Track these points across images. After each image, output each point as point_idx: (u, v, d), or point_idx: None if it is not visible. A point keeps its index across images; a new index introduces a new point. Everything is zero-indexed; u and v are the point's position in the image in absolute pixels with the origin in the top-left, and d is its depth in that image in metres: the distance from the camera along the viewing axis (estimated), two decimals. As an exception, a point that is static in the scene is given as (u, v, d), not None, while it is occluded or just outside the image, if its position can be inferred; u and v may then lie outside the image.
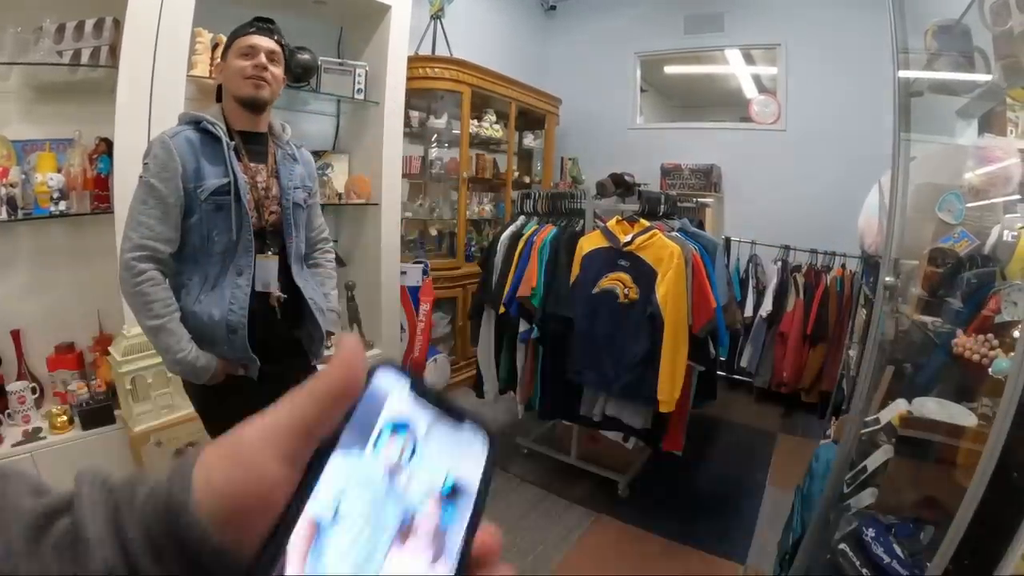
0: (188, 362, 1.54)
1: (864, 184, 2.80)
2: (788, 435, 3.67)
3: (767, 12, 4.52)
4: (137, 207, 1.51)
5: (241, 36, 1.64)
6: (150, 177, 1.50)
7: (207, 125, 1.58)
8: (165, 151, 1.51)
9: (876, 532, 1.23)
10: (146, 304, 1.50)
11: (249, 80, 1.61)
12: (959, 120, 1.87)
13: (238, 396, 1.68)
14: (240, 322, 1.60)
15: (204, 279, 1.60)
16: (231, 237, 1.59)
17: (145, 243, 1.49)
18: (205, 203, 1.55)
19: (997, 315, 1.19)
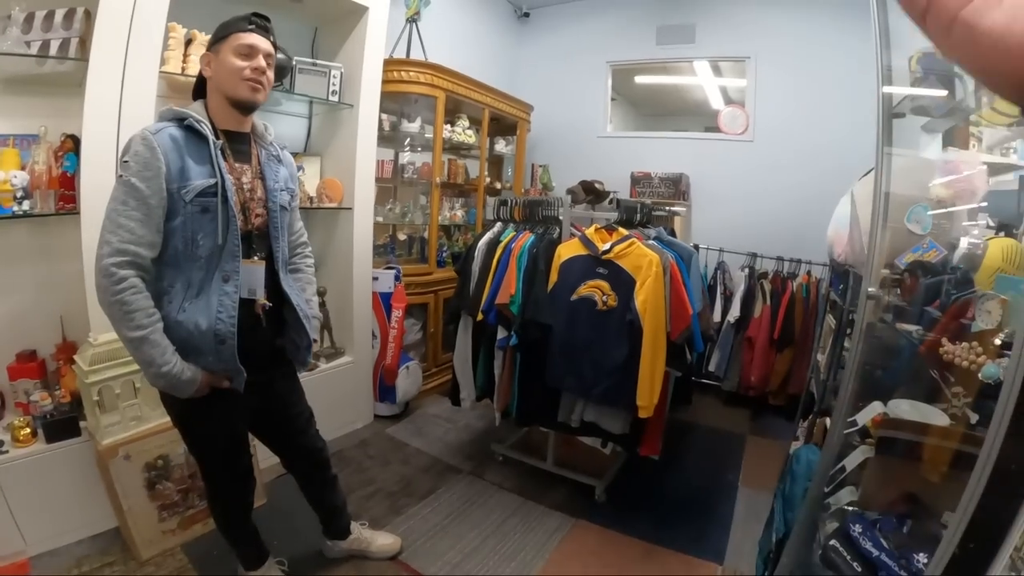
0: (173, 376, 1.47)
1: (829, 194, 2.88)
2: (757, 437, 3.76)
3: (737, 26, 4.64)
4: (117, 208, 1.41)
5: (239, 32, 1.56)
6: (131, 176, 1.41)
7: (193, 123, 1.50)
8: (148, 149, 1.42)
9: (863, 527, 1.28)
10: (127, 314, 1.41)
11: (247, 83, 1.56)
12: (924, 134, 1.94)
13: (222, 408, 1.65)
14: (229, 331, 1.54)
15: (187, 285, 1.52)
16: (217, 241, 1.51)
17: (126, 247, 1.40)
18: (190, 205, 1.47)
19: (972, 323, 1.24)
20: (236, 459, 1.80)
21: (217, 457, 1.76)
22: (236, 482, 1.84)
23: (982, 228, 1.46)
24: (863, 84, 3.66)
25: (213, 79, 1.58)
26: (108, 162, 2.07)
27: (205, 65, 1.58)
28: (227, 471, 1.79)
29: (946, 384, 1.36)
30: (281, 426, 1.94)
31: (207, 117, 1.56)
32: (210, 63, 1.57)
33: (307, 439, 2.01)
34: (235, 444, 1.78)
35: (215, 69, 1.57)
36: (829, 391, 2.40)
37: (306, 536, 2.27)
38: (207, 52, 1.58)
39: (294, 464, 2.06)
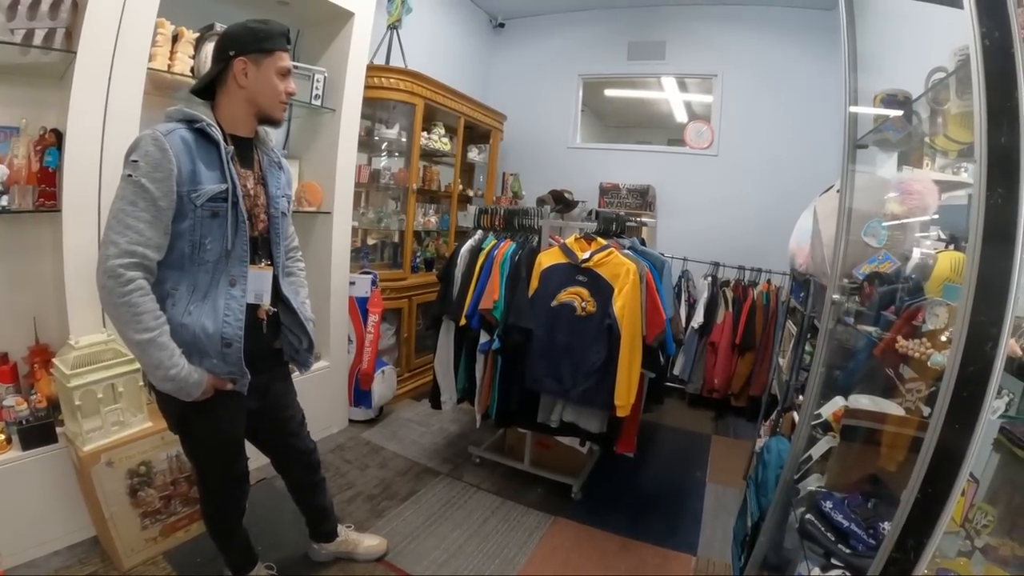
0: (181, 378, 1.46)
1: (789, 207, 3.05)
2: (721, 436, 3.94)
3: (706, 44, 4.87)
4: (125, 209, 1.38)
5: (279, 51, 1.60)
6: (141, 177, 1.38)
7: (205, 127, 1.50)
8: (159, 149, 1.40)
9: (833, 504, 1.42)
10: (135, 316, 1.39)
11: (282, 104, 1.63)
12: (880, 153, 2.09)
13: (223, 410, 1.65)
14: (236, 335, 1.55)
15: (192, 289, 1.51)
16: (225, 246, 1.52)
17: (134, 249, 1.38)
18: (200, 209, 1.47)
19: (922, 324, 1.38)
20: (234, 462, 1.80)
21: (216, 460, 1.76)
22: (233, 486, 1.84)
23: (934, 240, 1.61)
24: (823, 104, 3.88)
25: (248, 90, 1.58)
26: (92, 158, 2.03)
27: (241, 73, 1.55)
28: (225, 474, 1.79)
29: (901, 381, 1.50)
30: (276, 428, 1.95)
31: (215, 121, 1.57)
32: (247, 72, 1.56)
33: (299, 441, 2.03)
34: (234, 447, 1.79)
35: (252, 80, 1.57)
36: (792, 390, 2.55)
37: (290, 541, 2.30)
38: (242, 58, 1.55)
39: (285, 466, 2.07)
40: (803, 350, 2.58)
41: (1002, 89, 0.93)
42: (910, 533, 1.01)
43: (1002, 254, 0.92)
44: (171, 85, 2.51)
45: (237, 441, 1.80)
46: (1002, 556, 1.14)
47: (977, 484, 1.19)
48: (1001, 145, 0.93)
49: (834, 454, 1.60)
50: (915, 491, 1.00)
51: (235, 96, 1.59)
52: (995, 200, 0.93)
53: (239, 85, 1.57)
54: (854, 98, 1.64)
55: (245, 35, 1.56)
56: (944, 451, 0.97)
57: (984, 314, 0.93)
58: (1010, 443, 1.15)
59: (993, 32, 0.95)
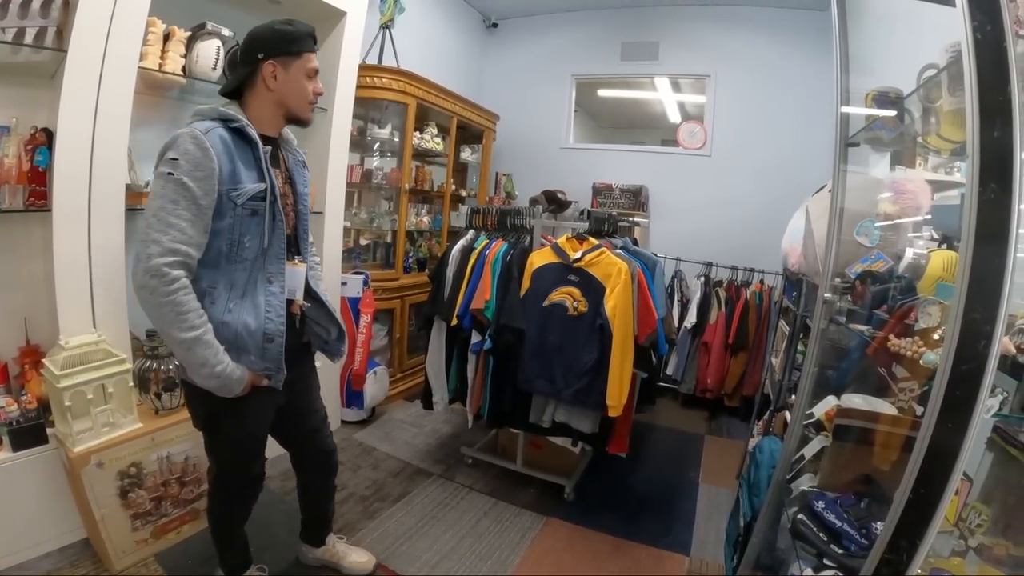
0: (226, 375, 1.47)
1: (781, 207, 3.05)
2: (714, 437, 3.94)
3: (699, 45, 4.88)
4: (166, 207, 1.38)
5: (309, 53, 1.61)
6: (182, 175, 1.38)
7: (243, 127, 1.51)
8: (199, 148, 1.40)
9: (825, 504, 1.42)
10: (180, 315, 1.39)
11: (311, 105, 1.65)
12: (873, 153, 2.09)
13: (256, 407, 1.66)
14: (279, 331, 1.58)
15: (230, 287, 1.52)
16: (262, 243, 1.54)
17: (177, 247, 1.38)
18: (241, 208, 1.48)
19: (915, 323, 1.38)
20: (254, 462, 1.80)
21: (237, 458, 1.76)
22: (247, 486, 1.84)
23: (926, 240, 1.61)
24: (816, 105, 3.89)
25: (277, 92, 1.58)
26: (83, 158, 2.02)
27: (270, 76, 1.56)
28: (243, 474, 1.79)
29: (894, 381, 1.50)
30: (300, 423, 1.95)
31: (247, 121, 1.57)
32: (276, 75, 1.56)
33: (321, 439, 2.03)
34: (257, 446, 1.79)
35: (281, 83, 1.57)
36: (785, 390, 2.55)
37: (280, 543, 2.28)
38: (271, 61, 1.55)
39: (303, 463, 2.06)
40: (796, 350, 2.58)
41: (995, 83, 0.92)
42: (903, 534, 1.00)
43: (995, 250, 0.91)
44: (162, 84, 2.49)
45: (261, 440, 1.80)
46: (996, 556, 1.14)
47: (971, 483, 1.19)
48: (994, 140, 0.92)
49: (827, 454, 1.60)
50: (907, 491, 0.99)
51: (264, 98, 1.59)
52: (988, 196, 0.92)
53: (268, 88, 1.58)
54: (846, 98, 1.65)
55: (273, 37, 1.57)
56: (937, 451, 0.96)
57: (977, 311, 0.92)
58: (1004, 442, 1.15)
59: (985, 26, 0.94)
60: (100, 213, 2.10)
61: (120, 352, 2.14)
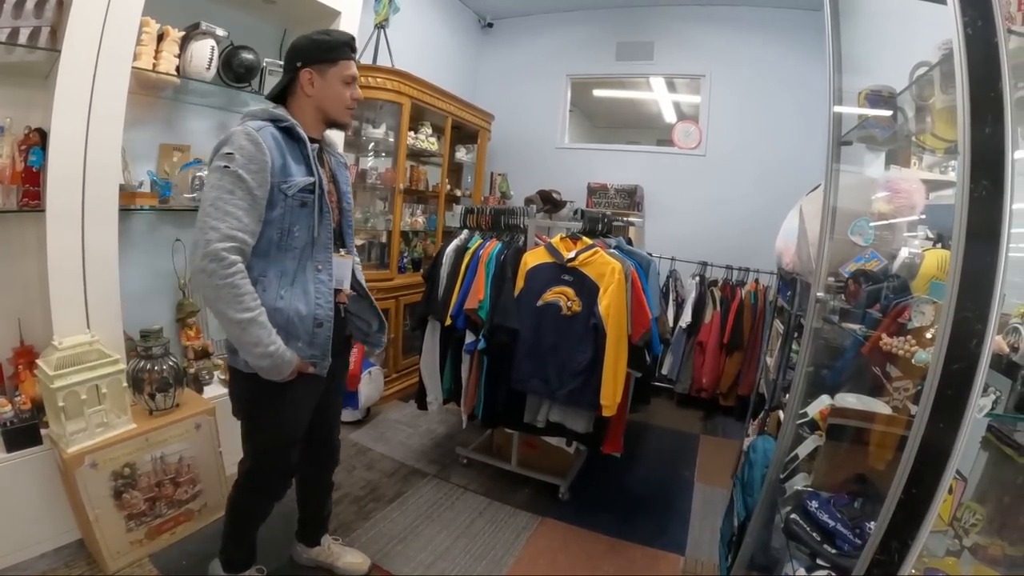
0: (279, 355, 1.55)
1: (776, 207, 3.06)
2: (710, 436, 3.95)
3: (694, 45, 4.88)
4: (223, 197, 1.47)
5: (345, 60, 1.69)
6: (238, 168, 1.48)
7: (292, 126, 1.61)
8: (253, 144, 1.50)
9: (818, 503, 1.41)
10: (237, 296, 1.48)
11: (350, 110, 1.74)
12: (868, 153, 2.09)
13: (299, 394, 1.72)
14: (328, 316, 1.68)
15: (280, 275, 1.61)
16: (311, 234, 1.64)
17: (235, 234, 1.47)
18: (291, 199, 1.58)
19: (908, 321, 1.38)
20: (290, 453, 1.84)
21: (275, 448, 1.80)
22: (280, 479, 1.88)
23: (921, 240, 1.61)
24: (811, 105, 3.90)
25: (315, 98, 1.68)
26: (76, 158, 2.02)
27: (307, 83, 1.66)
28: (278, 463, 1.83)
29: (888, 380, 1.50)
30: (321, 415, 1.96)
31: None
32: (313, 82, 1.66)
33: (333, 434, 2.10)
34: (297, 433, 1.83)
35: (319, 89, 1.67)
36: (779, 389, 2.56)
37: (275, 544, 2.26)
38: (309, 69, 1.65)
39: (310, 457, 2.05)
40: (790, 349, 2.58)
41: (986, 79, 0.92)
42: (894, 534, 1.00)
43: (987, 248, 0.90)
44: (156, 84, 2.49)
45: (300, 428, 1.83)
46: (991, 555, 1.14)
47: (965, 483, 1.19)
48: (985, 136, 0.91)
49: (820, 453, 1.59)
50: (899, 492, 0.99)
51: (304, 103, 1.69)
52: (980, 192, 0.91)
53: (306, 94, 1.67)
54: (839, 97, 1.64)
55: (309, 47, 1.67)
56: (929, 450, 0.96)
57: (969, 310, 0.91)
58: (999, 442, 1.15)
59: (976, 21, 0.94)
60: (94, 213, 2.10)
61: (114, 352, 2.14)
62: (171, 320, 2.80)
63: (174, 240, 2.77)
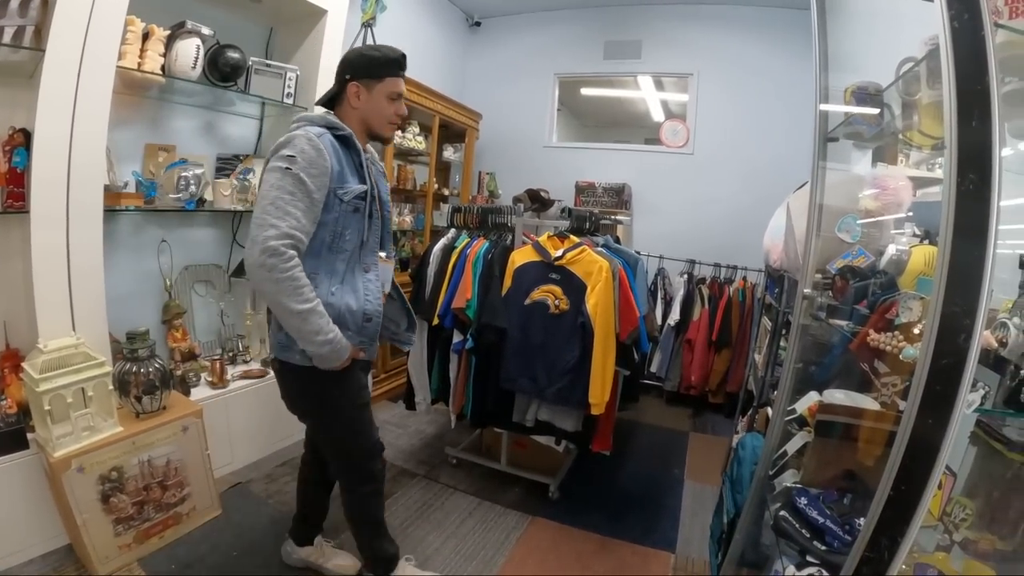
0: (337, 341, 1.63)
1: (764, 205, 3.07)
2: (699, 433, 3.97)
3: (682, 43, 4.88)
4: (283, 197, 1.52)
5: (393, 77, 1.75)
6: (299, 171, 1.53)
7: (350, 135, 1.69)
8: (314, 149, 1.56)
9: (807, 500, 1.42)
10: (297, 288, 1.54)
11: (392, 125, 1.81)
12: (855, 150, 2.11)
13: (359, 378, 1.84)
14: (377, 311, 1.78)
15: (331, 274, 1.68)
16: (361, 238, 1.72)
17: (293, 232, 1.53)
18: (346, 204, 1.65)
19: (895, 317, 1.39)
20: (373, 430, 1.92)
21: (359, 430, 1.88)
22: (377, 459, 1.94)
23: (909, 236, 1.62)
24: (798, 103, 3.91)
25: (360, 110, 1.75)
26: (60, 158, 2.01)
27: (353, 95, 1.73)
28: (369, 445, 1.90)
29: (876, 376, 1.51)
30: None
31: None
32: (359, 95, 1.73)
33: None
34: (370, 414, 1.92)
35: (364, 102, 1.74)
36: (768, 386, 2.57)
37: (266, 545, 2.27)
38: (356, 82, 1.72)
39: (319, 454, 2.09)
40: (778, 346, 2.60)
41: (972, 73, 0.92)
42: (884, 531, 1.00)
43: (975, 242, 0.90)
44: (141, 83, 2.47)
45: (370, 409, 1.94)
46: (982, 550, 1.15)
47: (955, 478, 1.20)
48: (972, 130, 0.91)
49: (809, 449, 1.60)
50: (888, 489, 0.99)
51: (349, 114, 1.76)
52: (966, 187, 0.91)
53: (352, 106, 1.75)
54: (825, 95, 1.65)
55: (359, 61, 1.74)
56: (917, 446, 0.96)
57: (956, 304, 0.91)
58: (988, 436, 1.16)
59: (963, 15, 0.94)
60: (78, 214, 2.09)
61: (99, 355, 2.12)
62: (157, 322, 2.78)
63: (160, 241, 2.75)
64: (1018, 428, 1.15)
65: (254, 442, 2.96)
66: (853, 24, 1.74)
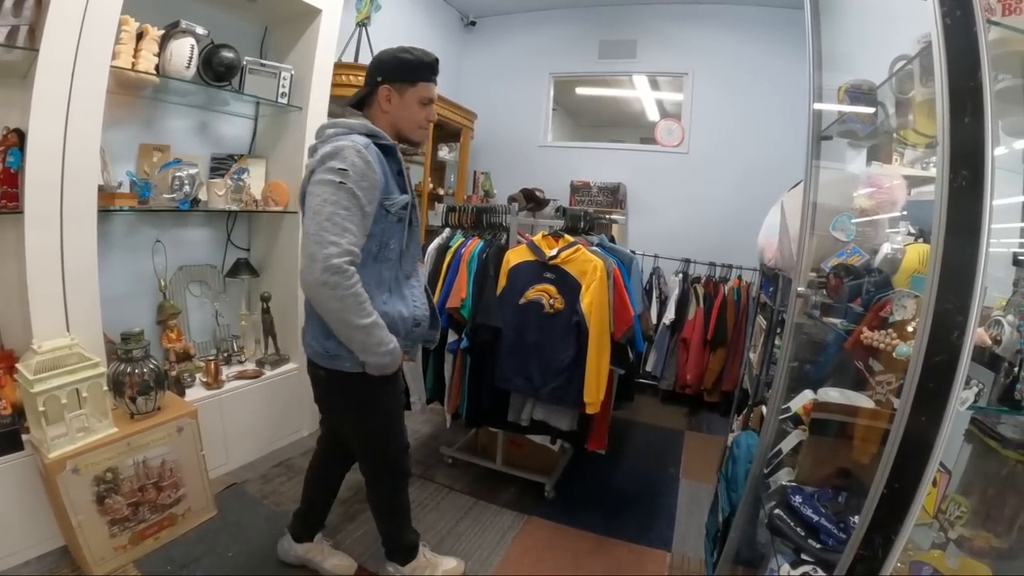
0: (395, 350, 1.68)
1: (759, 204, 3.08)
2: (694, 432, 3.97)
3: (677, 43, 4.90)
4: (340, 213, 1.52)
5: (426, 82, 1.76)
6: (352, 185, 1.53)
7: (393, 147, 1.70)
8: (364, 161, 1.56)
9: (802, 498, 1.43)
10: (360, 304, 1.57)
11: (423, 130, 1.82)
12: (849, 149, 2.12)
13: (398, 383, 1.91)
14: (424, 316, 1.85)
15: (379, 284, 1.70)
16: (403, 246, 1.75)
17: (352, 249, 1.54)
18: (392, 215, 1.67)
19: (889, 316, 1.39)
20: (404, 433, 1.99)
21: (394, 431, 1.94)
22: (406, 456, 2.01)
23: (904, 235, 1.63)
24: (793, 102, 3.94)
25: (390, 114, 1.74)
26: (55, 158, 1.99)
27: (385, 98, 1.72)
28: (401, 446, 1.96)
29: (871, 374, 1.52)
30: None
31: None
32: (391, 98, 1.73)
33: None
34: (403, 416, 2.00)
35: (395, 106, 1.74)
36: (763, 385, 2.58)
37: (259, 548, 2.27)
38: (388, 85, 1.71)
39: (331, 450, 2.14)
40: (773, 344, 2.61)
41: (965, 69, 0.92)
42: (877, 530, 1.00)
43: (967, 238, 0.90)
44: (135, 83, 2.46)
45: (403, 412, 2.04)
46: (977, 547, 1.15)
47: (949, 476, 1.20)
48: (964, 126, 0.91)
49: (804, 448, 1.60)
50: (881, 487, 0.99)
51: (379, 116, 1.75)
52: (959, 183, 0.91)
53: (383, 109, 1.74)
54: (819, 95, 1.65)
55: (392, 64, 1.73)
56: (911, 444, 0.96)
57: (949, 301, 0.91)
58: (982, 434, 1.16)
59: (955, 11, 0.94)
60: (72, 215, 2.08)
61: (94, 356, 2.11)
62: (152, 322, 2.76)
63: (154, 241, 2.74)
64: (1013, 426, 1.16)
65: (249, 443, 2.96)
66: (848, 23, 1.75)
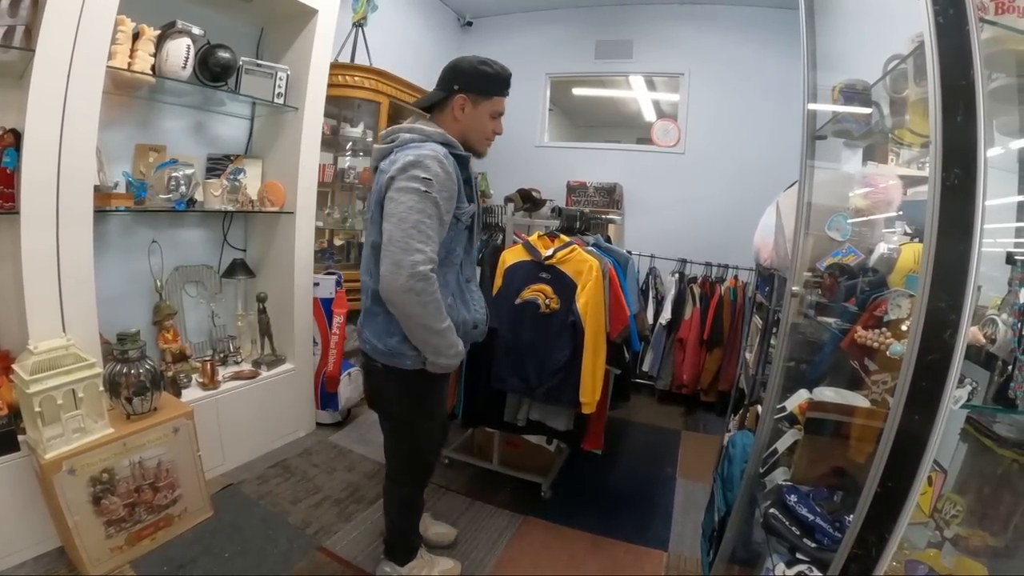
0: (462, 353, 1.76)
1: (754, 204, 3.08)
2: (691, 432, 3.98)
3: (673, 43, 4.90)
4: (424, 221, 1.56)
5: (500, 96, 1.80)
6: (435, 194, 1.57)
7: (468, 158, 1.76)
8: (445, 171, 1.59)
9: (797, 497, 1.43)
10: (439, 310, 1.63)
11: (489, 142, 1.86)
12: (845, 149, 2.12)
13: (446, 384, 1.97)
14: (483, 319, 1.91)
15: (445, 288, 1.72)
16: (465, 251, 1.82)
17: (435, 257, 1.59)
18: (460, 223, 1.72)
19: (885, 315, 1.40)
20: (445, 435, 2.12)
21: (436, 433, 2.02)
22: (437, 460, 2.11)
23: (899, 235, 1.63)
24: (788, 102, 3.93)
25: (461, 123, 1.77)
26: (51, 159, 1.99)
27: (459, 107, 1.75)
28: (437, 449, 2.07)
29: (866, 374, 1.52)
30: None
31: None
32: (464, 108, 1.76)
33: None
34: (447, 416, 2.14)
35: (468, 116, 1.77)
36: (759, 384, 2.58)
37: (255, 548, 2.27)
38: (464, 95, 1.74)
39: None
40: (769, 344, 2.61)
41: (957, 67, 0.92)
42: (871, 528, 1.00)
43: (960, 236, 0.90)
44: (131, 83, 2.46)
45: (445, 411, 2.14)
46: (973, 546, 1.15)
47: (945, 475, 1.20)
48: (957, 125, 0.91)
49: (799, 447, 1.61)
50: (874, 486, 0.99)
51: (450, 124, 1.77)
52: (952, 181, 0.91)
53: (454, 117, 1.77)
54: (814, 95, 1.66)
55: (471, 74, 1.75)
56: (904, 443, 0.96)
57: (942, 300, 0.92)
58: (977, 433, 1.16)
59: (947, 10, 0.94)
60: (68, 215, 2.07)
61: (90, 356, 2.11)
62: (148, 323, 2.75)
63: (150, 242, 2.74)
64: (1008, 424, 1.16)
65: (245, 443, 2.95)
66: (843, 23, 1.75)
